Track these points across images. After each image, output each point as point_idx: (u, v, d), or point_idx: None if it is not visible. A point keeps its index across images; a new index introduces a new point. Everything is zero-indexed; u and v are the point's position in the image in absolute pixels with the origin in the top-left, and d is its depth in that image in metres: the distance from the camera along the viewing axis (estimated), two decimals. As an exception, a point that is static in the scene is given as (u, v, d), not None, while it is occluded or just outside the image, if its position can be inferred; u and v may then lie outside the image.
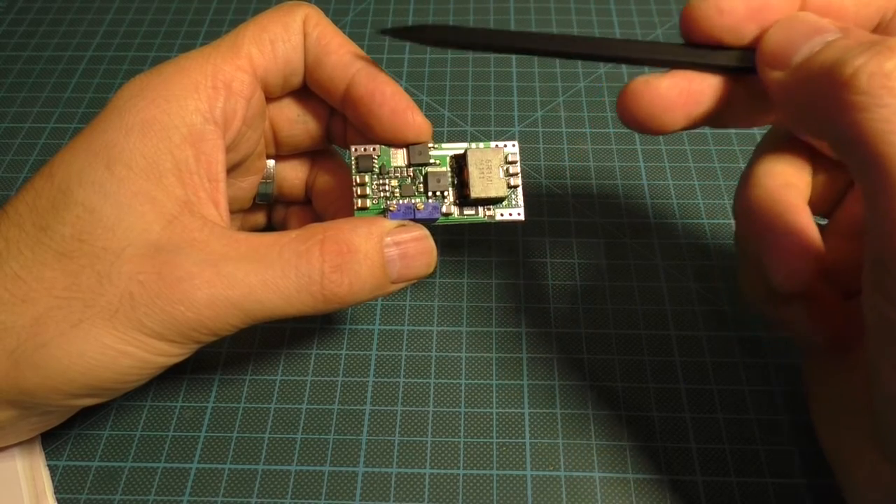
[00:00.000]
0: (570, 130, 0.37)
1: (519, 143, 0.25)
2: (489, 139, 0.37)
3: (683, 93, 0.21)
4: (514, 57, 0.42)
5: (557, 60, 0.41)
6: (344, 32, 0.25)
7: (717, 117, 0.22)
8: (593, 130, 0.37)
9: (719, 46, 0.21)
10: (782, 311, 0.24)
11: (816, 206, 0.25)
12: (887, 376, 0.18)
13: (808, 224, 0.21)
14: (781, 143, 0.23)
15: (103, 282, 0.20)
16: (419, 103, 0.25)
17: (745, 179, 0.24)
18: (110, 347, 0.20)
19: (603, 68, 0.41)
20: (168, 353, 0.21)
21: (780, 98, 0.20)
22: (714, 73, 0.21)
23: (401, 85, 0.25)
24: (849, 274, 0.19)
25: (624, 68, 0.40)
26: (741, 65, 0.21)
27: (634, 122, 0.21)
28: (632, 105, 0.21)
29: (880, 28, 0.21)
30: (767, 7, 0.20)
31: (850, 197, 0.24)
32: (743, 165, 0.35)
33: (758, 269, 0.23)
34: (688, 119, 0.21)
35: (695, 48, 0.21)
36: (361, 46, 0.25)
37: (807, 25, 0.19)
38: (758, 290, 0.24)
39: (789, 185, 0.22)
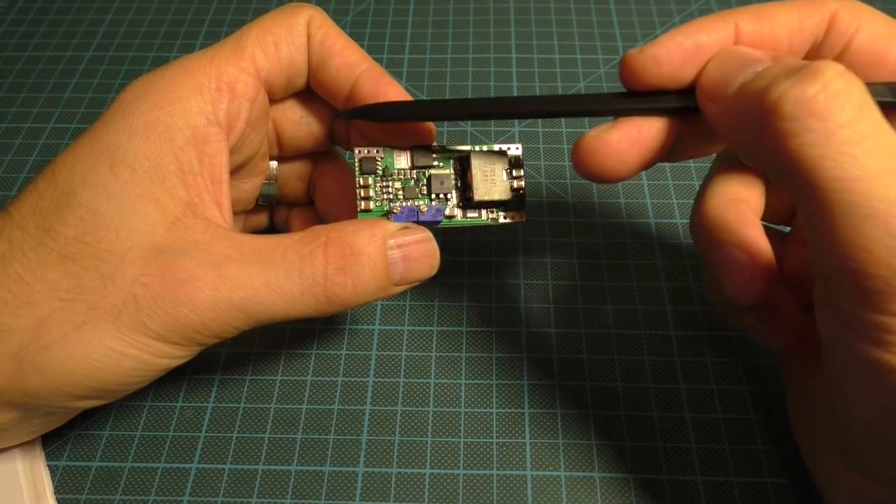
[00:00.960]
0: (570, 130, 0.37)
1: (519, 142, 0.25)
2: (489, 139, 0.37)
3: (635, 140, 0.21)
4: (513, 56, 0.42)
5: (557, 60, 0.41)
6: (343, 31, 0.25)
7: (669, 154, 0.22)
8: (593, 130, 0.37)
9: (661, 91, 0.21)
10: (742, 318, 0.24)
11: (776, 217, 0.25)
12: (842, 389, 0.19)
13: (757, 237, 0.22)
14: (734, 160, 0.24)
15: (107, 284, 0.20)
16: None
17: (699, 195, 0.24)
18: (113, 349, 0.20)
19: (603, 68, 0.41)
20: (171, 355, 0.21)
21: (721, 129, 0.20)
22: (661, 116, 0.21)
23: (401, 85, 0.25)
24: (810, 281, 0.19)
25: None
26: (685, 105, 0.21)
27: (592, 175, 0.22)
28: (587, 160, 0.21)
29: (812, 52, 0.21)
30: (701, 50, 0.20)
31: None
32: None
33: (716, 278, 0.23)
34: (642, 163, 0.22)
35: (638, 96, 0.21)
36: (361, 46, 0.25)
37: (740, 58, 0.20)
38: (718, 297, 0.25)
39: (740, 199, 0.23)
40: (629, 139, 0.21)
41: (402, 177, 0.24)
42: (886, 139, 0.16)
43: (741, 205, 0.23)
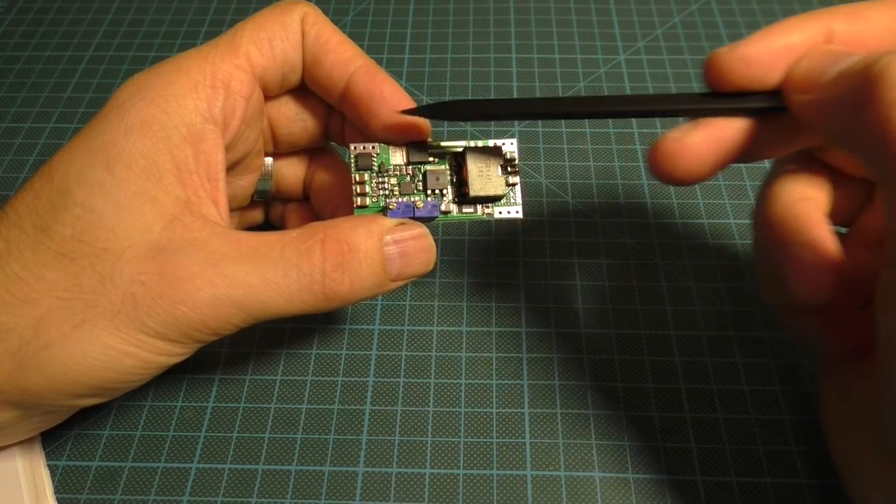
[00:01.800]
0: (569, 130, 0.37)
1: (519, 142, 0.25)
2: (488, 138, 0.37)
3: (714, 142, 0.21)
4: (513, 56, 0.42)
5: (557, 60, 0.41)
6: (344, 32, 0.25)
7: (745, 155, 0.22)
8: (593, 130, 0.37)
9: (747, 92, 0.21)
10: (799, 319, 0.24)
11: (837, 217, 0.25)
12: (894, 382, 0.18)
13: (826, 236, 0.21)
14: (799, 159, 0.23)
15: (105, 282, 0.20)
16: (419, 103, 0.25)
17: (764, 193, 0.24)
18: (112, 348, 0.20)
19: (603, 68, 0.41)
20: (170, 353, 0.21)
21: (812, 118, 0.20)
22: (744, 117, 0.21)
23: (401, 85, 0.25)
24: (867, 283, 0.19)
25: (624, 69, 0.40)
26: (773, 105, 0.21)
27: (669, 178, 0.21)
28: (666, 163, 0.21)
29: None
30: (792, 50, 0.20)
31: (870, 207, 0.25)
32: (743, 166, 0.35)
33: (777, 279, 0.23)
34: (719, 165, 0.21)
35: (722, 96, 0.21)
36: (361, 46, 0.25)
37: (835, 53, 0.19)
38: (777, 299, 0.24)
39: (808, 198, 0.22)
40: (710, 141, 0.21)
41: (397, 173, 0.24)
42: None
43: (810, 203, 0.23)
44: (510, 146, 0.25)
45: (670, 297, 0.31)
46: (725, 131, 0.21)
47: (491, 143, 0.25)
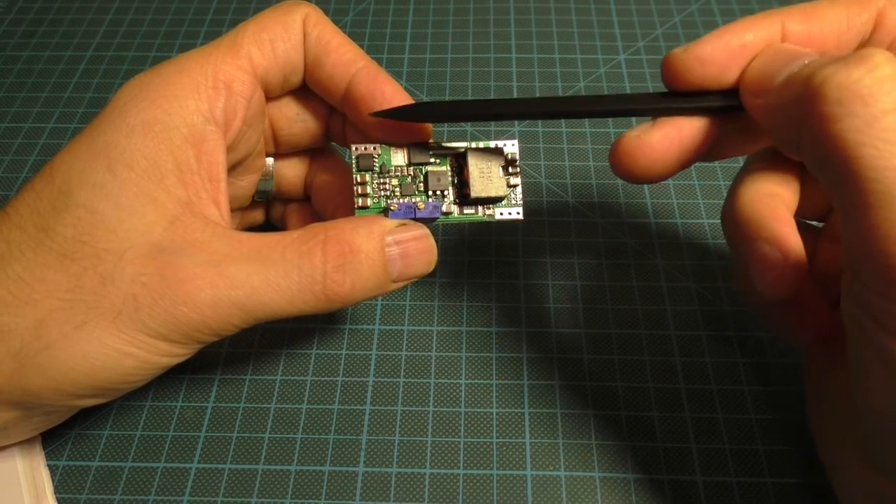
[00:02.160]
0: (569, 130, 0.37)
1: (519, 142, 0.25)
2: (488, 137, 0.37)
3: (675, 141, 0.21)
4: (513, 56, 0.42)
5: (557, 60, 0.41)
6: (344, 32, 0.25)
7: (707, 154, 0.22)
8: (593, 130, 0.37)
9: (703, 91, 0.21)
10: (769, 313, 0.24)
11: (810, 212, 0.25)
12: (865, 383, 0.19)
13: (789, 234, 0.22)
14: (769, 155, 0.24)
15: (106, 283, 0.20)
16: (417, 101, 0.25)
17: (732, 189, 0.24)
18: (113, 349, 0.20)
19: (603, 68, 0.41)
20: (171, 354, 0.21)
21: (764, 122, 0.20)
22: (702, 116, 0.21)
23: (401, 85, 0.25)
24: (839, 278, 0.19)
25: (624, 69, 0.40)
26: (729, 104, 0.21)
27: (630, 176, 0.22)
28: (627, 161, 0.21)
29: (860, 47, 0.21)
30: (747, 49, 0.20)
31: None
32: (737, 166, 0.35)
33: (746, 274, 0.23)
34: (680, 164, 0.22)
35: (681, 96, 0.21)
36: (361, 46, 0.25)
37: (786, 53, 0.19)
38: (746, 291, 0.24)
39: (774, 195, 0.22)
40: (669, 139, 0.21)
41: (399, 174, 0.24)
42: None
43: (775, 200, 0.23)
44: (511, 147, 0.25)
45: (670, 297, 0.31)
46: (685, 130, 0.21)
47: (492, 144, 0.25)
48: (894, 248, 0.16)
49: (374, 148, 0.24)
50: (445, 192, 0.25)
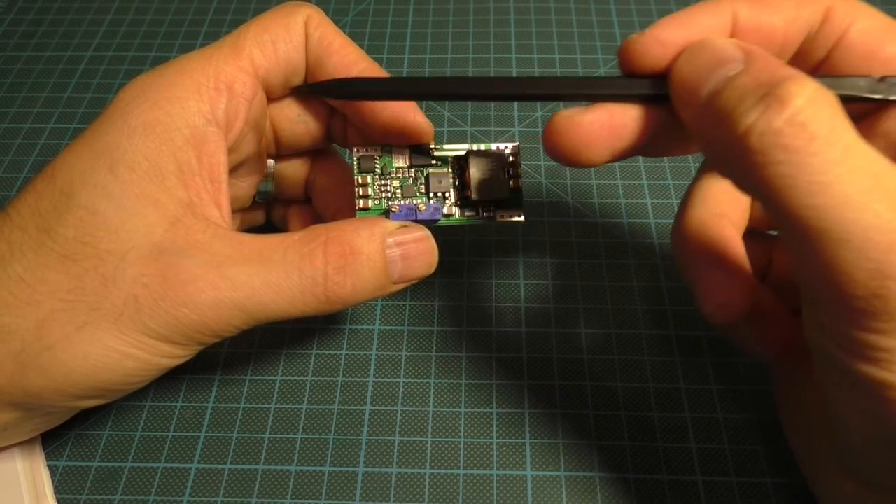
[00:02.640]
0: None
1: (519, 143, 0.25)
2: (489, 139, 0.37)
3: (605, 126, 0.20)
4: (513, 56, 0.42)
5: (557, 60, 0.41)
6: (344, 32, 0.25)
7: (646, 148, 0.21)
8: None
9: (635, 75, 0.20)
10: (734, 330, 0.24)
11: (765, 222, 0.25)
12: (838, 405, 0.19)
13: (737, 256, 0.22)
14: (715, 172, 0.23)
15: (107, 284, 0.20)
16: (419, 103, 0.25)
17: (680, 211, 0.24)
18: (115, 350, 0.20)
19: (603, 68, 0.41)
20: (172, 355, 0.21)
21: (694, 134, 0.20)
22: (633, 103, 0.21)
23: (401, 84, 0.25)
24: (798, 286, 0.19)
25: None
26: (655, 92, 0.20)
27: (559, 155, 0.21)
28: (555, 140, 0.21)
29: (807, 43, 0.21)
30: (702, 33, 0.20)
31: None
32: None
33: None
34: (613, 152, 0.21)
35: (610, 79, 0.21)
36: (361, 46, 0.25)
37: (711, 55, 0.19)
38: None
39: (722, 215, 0.22)
40: (600, 124, 0.20)
41: (400, 175, 0.24)
42: (857, 161, 0.16)
43: (722, 220, 0.23)
44: (513, 150, 0.25)
45: (670, 297, 0.31)
46: (617, 116, 0.20)
47: (494, 146, 0.25)
48: (840, 277, 0.16)
49: (376, 150, 0.24)
50: (447, 194, 0.25)
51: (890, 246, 0.15)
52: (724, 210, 0.23)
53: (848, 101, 0.20)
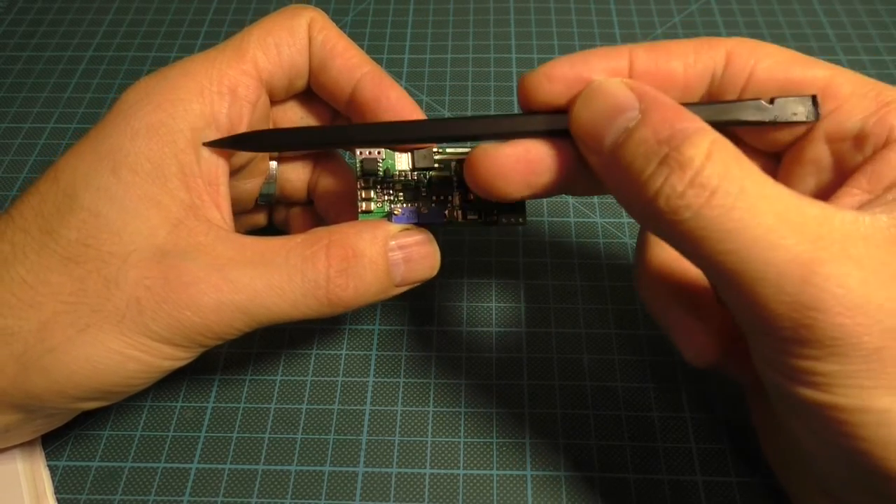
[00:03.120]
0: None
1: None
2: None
3: (521, 161, 0.21)
4: (513, 56, 0.42)
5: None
6: (344, 33, 0.25)
7: (568, 185, 0.22)
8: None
9: (534, 112, 0.21)
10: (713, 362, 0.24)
11: None
12: (790, 426, 0.19)
13: (705, 291, 0.22)
14: None
15: (110, 286, 0.20)
16: (419, 103, 0.25)
17: (637, 255, 0.24)
18: (117, 352, 0.20)
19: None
20: (174, 357, 0.21)
21: (603, 181, 0.20)
22: (536, 138, 0.21)
23: (401, 85, 0.25)
24: None
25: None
26: (554, 128, 0.21)
27: (476, 188, 0.21)
28: (472, 173, 0.21)
29: (715, 86, 0.21)
30: (592, 73, 0.20)
31: None
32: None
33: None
34: (530, 186, 0.21)
35: (511, 117, 0.21)
36: (361, 47, 0.25)
37: (606, 101, 0.19)
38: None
39: (678, 256, 0.22)
40: (516, 158, 0.21)
41: (403, 178, 0.24)
42: (759, 203, 0.16)
43: (681, 261, 0.23)
44: None
45: (670, 297, 0.31)
46: (532, 153, 0.21)
47: None
48: (763, 312, 0.16)
49: (379, 153, 0.24)
50: (449, 198, 0.25)
51: (803, 277, 0.16)
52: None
53: (740, 126, 0.20)
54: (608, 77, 0.20)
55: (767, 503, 0.25)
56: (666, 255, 0.23)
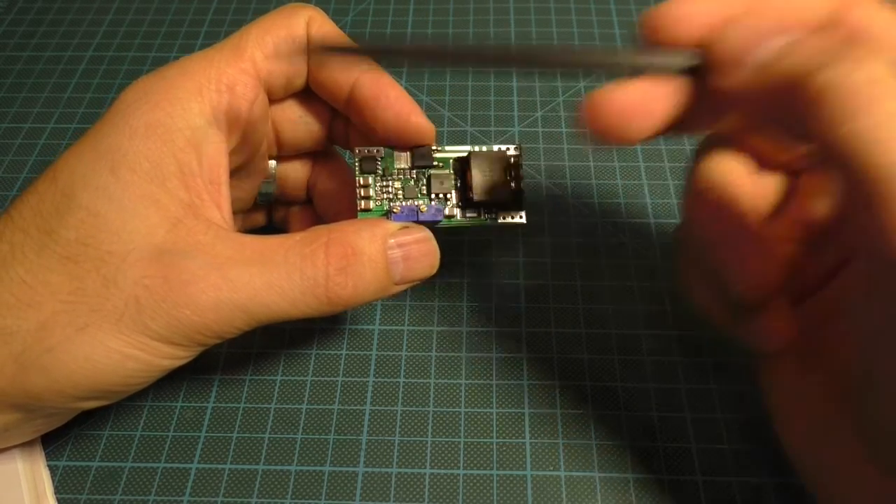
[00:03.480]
0: (569, 130, 0.37)
1: (519, 143, 0.25)
2: (489, 139, 0.37)
3: (642, 101, 0.20)
4: (513, 57, 0.41)
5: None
6: (344, 32, 0.25)
7: (681, 123, 0.21)
8: (593, 130, 0.37)
9: (676, 50, 0.20)
10: (734, 318, 0.23)
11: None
12: (888, 384, 0.18)
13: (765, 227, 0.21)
14: (723, 142, 0.23)
15: (109, 286, 0.20)
16: (419, 103, 0.25)
17: (694, 184, 0.23)
18: (116, 351, 0.20)
19: (603, 68, 0.41)
20: (173, 356, 0.21)
21: (740, 101, 0.19)
22: (671, 77, 0.20)
23: (400, 84, 0.25)
24: (798, 278, 0.19)
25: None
26: (694, 64, 0.20)
27: (596, 133, 0.20)
28: (593, 117, 0.20)
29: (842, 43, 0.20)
30: (726, 12, 0.19)
31: (796, 198, 0.24)
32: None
33: (708, 276, 0.22)
34: (651, 128, 0.20)
35: (647, 51, 0.20)
36: (361, 47, 0.25)
37: (764, 25, 0.18)
38: (707, 297, 0.24)
39: (741, 185, 0.22)
40: (637, 98, 0.20)
41: (402, 177, 0.24)
42: None
43: (743, 191, 0.22)
44: (514, 151, 0.25)
45: (670, 297, 0.31)
46: (655, 91, 0.20)
47: (496, 147, 0.25)
48: None
49: (378, 151, 0.24)
50: (448, 196, 0.25)
51: None
52: (741, 182, 0.22)
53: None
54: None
55: (767, 503, 0.25)
56: (727, 174, 0.22)
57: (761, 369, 0.24)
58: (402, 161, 0.25)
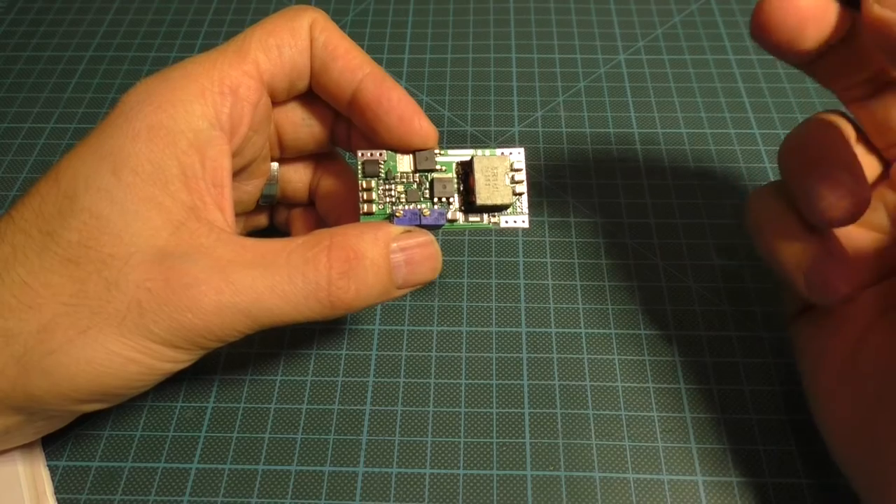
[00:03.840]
0: (569, 130, 0.37)
1: (519, 143, 0.25)
2: (489, 139, 0.37)
3: (820, 7, 0.20)
4: (513, 56, 0.42)
5: (557, 60, 0.41)
6: (344, 32, 0.25)
7: (834, 57, 0.21)
8: (593, 130, 0.37)
9: None
10: (804, 258, 0.22)
11: None
12: None
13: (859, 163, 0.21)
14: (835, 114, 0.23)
15: (111, 288, 0.20)
16: (419, 103, 0.25)
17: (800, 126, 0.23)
18: (118, 354, 0.20)
19: (603, 68, 0.41)
20: (175, 360, 0.21)
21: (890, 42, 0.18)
22: None
23: (402, 87, 0.25)
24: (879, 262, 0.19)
25: (624, 69, 0.40)
26: None
27: (771, 40, 0.20)
28: (770, 17, 0.20)
29: None
30: None
31: (881, 187, 0.24)
32: (743, 167, 0.35)
33: (788, 210, 0.22)
34: (822, 37, 0.20)
35: None
36: (361, 46, 0.25)
37: None
38: (781, 230, 0.23)
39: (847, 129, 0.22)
40: (814, 5, 0.19)
41: (404, 180, 0.24)
42: None
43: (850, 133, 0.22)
44: (517, 155, 0.25)
45: (670, 297, 0.31)
46: (828, 2, 0.20)
47: (498, 151, 0.25)
48: None
49: (380, 154, 0.24)
50: (451, 199, 0.25)
51: None
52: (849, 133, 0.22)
53: None
54: None
55: (767, 503, 0.25)
56: (843, 126, 0.23)
57: (802, 333, 0.24)
58: (405, 164, 0.24)
